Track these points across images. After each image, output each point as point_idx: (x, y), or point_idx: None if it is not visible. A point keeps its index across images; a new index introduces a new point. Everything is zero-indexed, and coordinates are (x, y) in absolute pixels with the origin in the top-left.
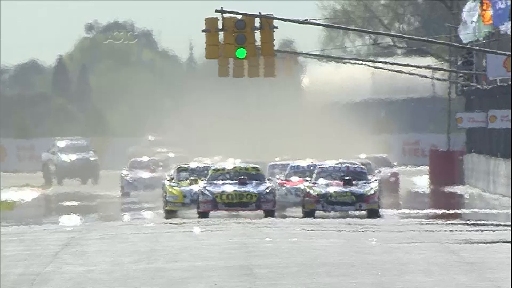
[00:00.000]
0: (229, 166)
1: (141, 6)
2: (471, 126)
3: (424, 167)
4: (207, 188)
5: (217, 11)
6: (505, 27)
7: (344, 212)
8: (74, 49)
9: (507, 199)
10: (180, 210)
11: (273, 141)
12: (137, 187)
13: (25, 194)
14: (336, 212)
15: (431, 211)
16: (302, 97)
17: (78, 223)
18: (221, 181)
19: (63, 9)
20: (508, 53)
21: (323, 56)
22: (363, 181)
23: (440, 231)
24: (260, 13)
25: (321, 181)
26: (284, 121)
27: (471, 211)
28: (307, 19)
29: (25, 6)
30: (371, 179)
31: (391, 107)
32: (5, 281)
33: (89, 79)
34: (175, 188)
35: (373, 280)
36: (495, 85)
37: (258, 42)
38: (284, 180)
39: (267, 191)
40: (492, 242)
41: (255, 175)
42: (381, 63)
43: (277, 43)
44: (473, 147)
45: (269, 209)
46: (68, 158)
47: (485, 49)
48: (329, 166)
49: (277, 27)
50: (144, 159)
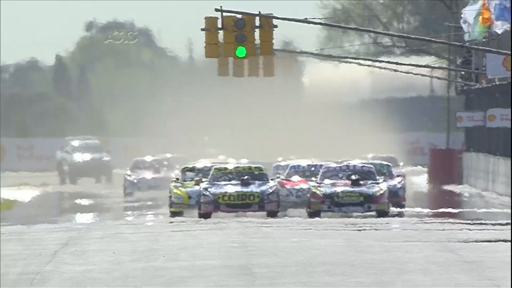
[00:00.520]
0: (231, 166)
1: (141, 5)
2: (470, 125)
3: (423, 166)
4: (209, 188)
5: (217, 10)
6: (500, 24)
7: (351, 213)
8: (73, 48)
9: (506, 198)
10: (185, 211)
11: (274, 141)
12: (140, 188)
13: (24, 193)
14: (343, 213)
15: (430, 210)
16: (301, 97)
17: (77, 222)
18: (223, 182)
19: (62, 8)
20: (507, 52)
21: (323, 55)
22: (371, 181)
23: (439, 230)
24: (259, 12)
25: (327, 181)
26: (284, 120)
27: (471, 210)
28: (306, 18)
29: (24, 5)
30: (394, 175)
31: (390, 106)
32: (5, 280)
33: (89, 79)
34: (180, 188)
35: (372, 279)
36: (494, 84)
37: (258, 41)
38: (285, 180)
39: (271, 191)
40: (491, 241)
41: (258, 175)
42: (380, 62)
43: (277, 43)
44: (472, 146)
45: (273, 210)
46: (81, 158)
47: (485, 48)
48: (335, 165)
49: (276, 26)
50: (147, 159)
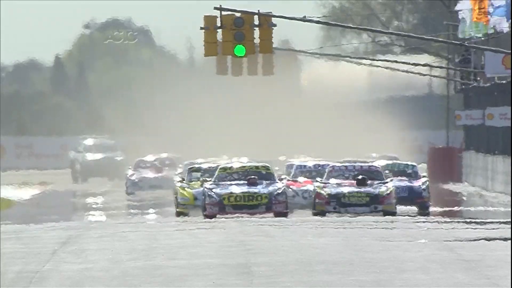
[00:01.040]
0: (237, 165)
1: (139, 4)
2: (469, 123)
3: (422, 164)
4: (213, 189)
5: (216, 8)
6: (494, 21)
7: (357, 214)
8: (72, 47)
9: (506, 197)
10: (191, 212)
11: (275, 140)
12: (142, 187)
13: (23, 192)
14: (349, 213)
15: (429, 209)
16: (300, 95)
17: (77, 221)
18: (228, 182)
19: (61, 7)
20: (507, 51)
21: (322, 54)
22: (378, 181)
23: (438, 228)
24: (258, 10)
25: (333, 181)
26: (283, 119)
27: (470, 209)
28: (305, 17)
29: (23, 4)
30: (419, 175)
31: (388, 105)
32: (4, 279)
33: (87, 77)
34: (186, 189)
35: (371, 278)
36: (493, 83)
37: (257, 40)
38: (291, 181)
39: (279, 192)
40: (490, 239)
41: (265, 175)
42: (379, 61)
43: (276, 42)
44: (472, 144)
45: (281, 211)
46: (93, 157)
47: (483, 47)
48: (341, 165)
49: (275, 25)
50: (149, 158)
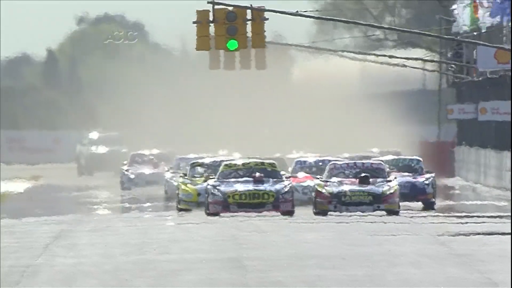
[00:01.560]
0: (242, 161)
1: None
2: (461, 117)
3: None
4: (217, 187)
5: (209, 2)
6: (482, 14)
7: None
8: (64, 41)
9: (498, 191)
10: (194, 209)
11: (269, 135)
12: (138, 183)
13: (16, 186)
14: (351, 213)
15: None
16: (293, 90)
17: (69, 216)
18: (233, 179)
19: (53, 1)
20: (498, 45)
21: (314, 48)
22: (381, 179)
23: (430, 223)
24: (251, 5)
25: (334, 179)
26: (277, 114)
27: (462, 203)
28: (297, 11)
29: None
30: (423, 171)
31: (381, 99)
32: None
33: (80, 72)
34: (189, 186)
35: (363, 272)
36: (486, 77)
37: (249, 34)
38: (290, 176)
39: (286, 190)
40: (483, 234)
41: (271, 172)
42: (372, 55)
43: (269, 36)
44: (464, 139)
45: (288, 210)
46: (98, 150)
47: (476, 41)
48: (342, 162)
49: (268, 19)
50: (145, 152)
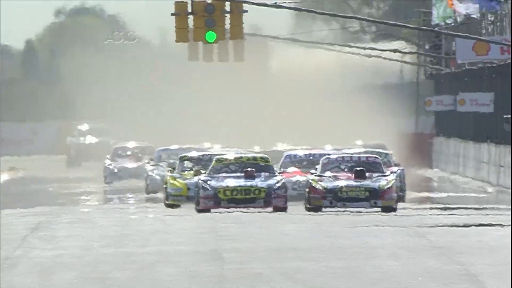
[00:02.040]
0: (234, 156)
1: None
2: (439, 109)
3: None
4: (208, 182)
5: None
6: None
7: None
8: (43, 33)
9: (476, 182)
10: (183, 204)
11: (248, 128)
12: (121, 177)
13: None
14: (346, 208)
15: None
16: (271, 82)
17: (47, 207)
18: (224, 174)
19: None
20: (477, 36)
21: (292, 39)
22: (377, 173)
23: (409, 215)
24: None
25: (329, 174)
26: (256, 106)
27: (440, 195)
28: (276, 3)
29: None
30: (391, 165)
31: (359, 91)
32: None
33: (59, 63)
34: (178, 180)
35: (342, 264)
36: (464, 69)
37: (228, 26)
38: (280, 171)
39: (278, 185)
40: (461, 226)
41: (263, 167)
42: (350, 47)
43: (247, 28)
44: (442, 130)
45: (281, 206)
46: (87, 141)
47: (455, 33)
48: (337, 156)
49: (246, 11)
50: (129, 145)
